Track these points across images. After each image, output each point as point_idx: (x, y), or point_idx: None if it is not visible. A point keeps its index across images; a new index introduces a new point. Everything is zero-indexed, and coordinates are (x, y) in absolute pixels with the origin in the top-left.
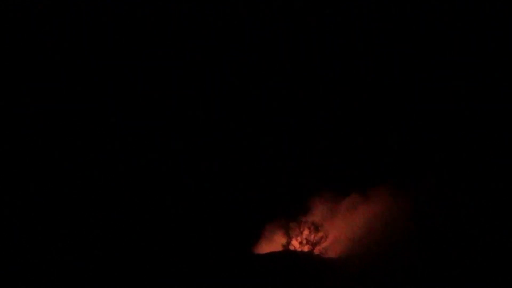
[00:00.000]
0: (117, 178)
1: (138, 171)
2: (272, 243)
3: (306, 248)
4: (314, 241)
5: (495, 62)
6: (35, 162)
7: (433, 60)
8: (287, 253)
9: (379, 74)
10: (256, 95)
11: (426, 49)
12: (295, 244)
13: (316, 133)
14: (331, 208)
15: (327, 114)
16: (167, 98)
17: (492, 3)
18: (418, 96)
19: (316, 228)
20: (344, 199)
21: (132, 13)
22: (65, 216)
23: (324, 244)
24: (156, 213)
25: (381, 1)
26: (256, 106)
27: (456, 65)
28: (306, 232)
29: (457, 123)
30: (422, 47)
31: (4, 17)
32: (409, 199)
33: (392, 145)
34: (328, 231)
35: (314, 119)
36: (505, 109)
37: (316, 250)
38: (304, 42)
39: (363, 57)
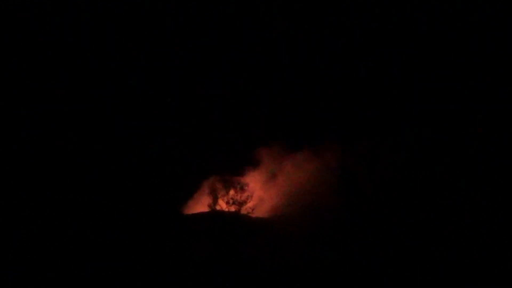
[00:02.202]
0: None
1: None
2: (200, 204)
3: (233, 208)
4: (241, 201)
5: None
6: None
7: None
8: (214, 213)
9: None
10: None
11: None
12: (221, 204)
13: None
14: (279, 163)
15: (285, 72)
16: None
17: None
18: (371, 64)
19: (241, 187)
20: (292, 155)
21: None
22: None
23: (250, 204)
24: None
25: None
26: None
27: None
28: (232, 192)
29: (401, 96)
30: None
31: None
32: (338, 159)
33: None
34: (253, 191)
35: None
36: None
37: (243, 210)
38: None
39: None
